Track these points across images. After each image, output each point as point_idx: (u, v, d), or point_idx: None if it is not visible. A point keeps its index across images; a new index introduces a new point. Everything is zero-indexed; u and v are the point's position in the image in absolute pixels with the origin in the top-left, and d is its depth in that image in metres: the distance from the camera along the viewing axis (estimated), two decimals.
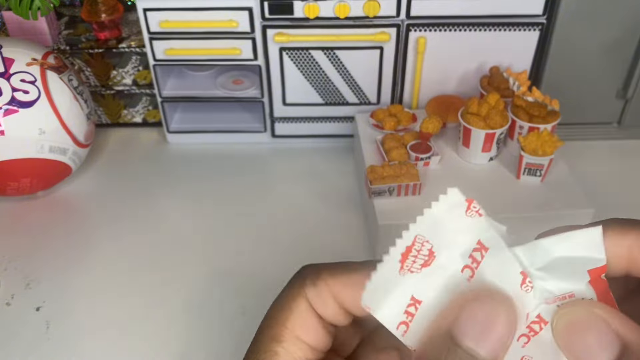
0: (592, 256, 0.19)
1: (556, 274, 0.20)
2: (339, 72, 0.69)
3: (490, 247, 0.20)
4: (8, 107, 0.59)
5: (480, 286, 0.20)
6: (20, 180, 0.63)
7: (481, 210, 0.20)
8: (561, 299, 0.20)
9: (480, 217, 0.20)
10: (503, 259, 0.20)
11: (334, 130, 0.74)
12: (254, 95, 0.72)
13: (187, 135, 0.76)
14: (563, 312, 0.20)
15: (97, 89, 0.75)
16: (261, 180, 0.71)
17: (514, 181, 0.60)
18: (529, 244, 0.20)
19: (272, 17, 0.64)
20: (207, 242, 0.62)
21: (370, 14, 0.63)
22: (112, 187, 0.70)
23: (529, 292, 0.20)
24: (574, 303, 0.20)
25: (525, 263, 0.20)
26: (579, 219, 0.57)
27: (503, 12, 0.64)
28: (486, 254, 0.20)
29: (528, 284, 0.20)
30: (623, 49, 0.68)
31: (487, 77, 0.67)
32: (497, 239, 0.20)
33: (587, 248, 0.19)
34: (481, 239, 0.20)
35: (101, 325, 0.54)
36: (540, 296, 0.20)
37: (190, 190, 0.69)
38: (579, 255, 0.19)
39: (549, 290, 0.20)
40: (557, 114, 0.60)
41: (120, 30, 0.74)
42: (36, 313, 0.55)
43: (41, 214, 0.66)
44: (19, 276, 0.59)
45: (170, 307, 0.56)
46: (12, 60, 0.60)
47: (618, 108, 0.73)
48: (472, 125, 0.59)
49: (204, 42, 0.67)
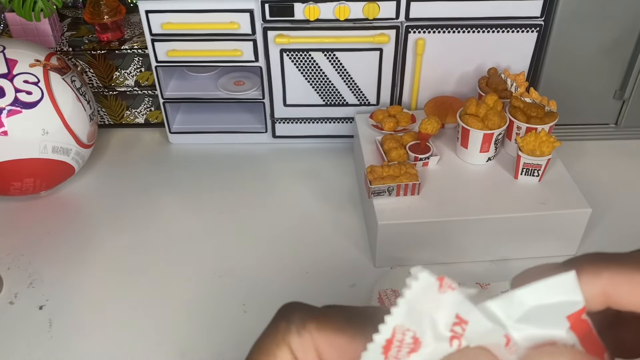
0: (569, 300, 0.19)
1: (535, 324, 0.19)
2: (339, 73, 0.69)
3: (470, 320, 0.20)
4: (11, 108, 0.59)
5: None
6: (23, 180, 0.63)
7: (453, 285, 0.20)
8: (542, 346, 0.19)
9: (454, 290, 0.20)
10: (483, 328, 0.20)
11: (334, 131, 0.75)
12: (255, 96, 0.73)
13: (188, 135, 0.76)
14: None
15: (100, 90, 0.76)
16: (262, 180, 0.71)
17: (512, 181, 0.61)
18: (504, 297, 0.20)
19: (273, 19, 0.65)
20: (208, 241, 0.63)
21: (370, 16, 0.64)
22: (114, 187, 0.71)
23: (513, 354, 0.20)
24: (548, 351, 0.19)
25: (503, 317, 0.20)
26: (576, 218, 0.58)
27: (501, 14, 0.65)
28: (466, 327, 0.20)
29: (512, 346, 0.20)
30: (620, 50, 0.68)
31: (485, 79, 0.67)
32: (473, 310, 0.20)
33: (563, 293, 0.19)
34: (459, 312, 0.20)
35: (103, 324, 0.55)
36: (523, 347, 0.19)
37: (191, 190, 0.70)
38: (556, 301, 0.19)
39: (530, 339, 0.19)
40: (554, 115, 0.61)
41: (123, 31, 0.75)
42: (39, 311, 0.56)
43: (44, 213, 0.67)
44: (23, 275, 0.59)
45: (172, 305, 0.56)
46: (16, 61, 0.60)
47: (615, 109, 0.74)
48: (470, 126, 0.60)
49: (205, 44, 0.68)
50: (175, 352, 0.52)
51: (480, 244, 0.59)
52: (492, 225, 0.57)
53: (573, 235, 0.59)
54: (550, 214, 0.57)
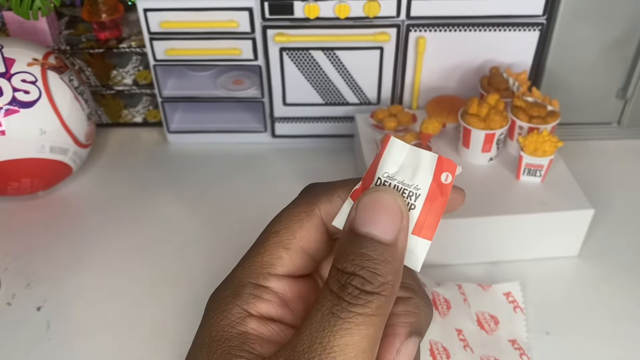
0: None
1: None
2: (339, 72, 0.69)
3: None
4: (9, 107, 0.59)
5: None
6: (20, 180, 0.63)
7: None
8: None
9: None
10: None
11: (334, 131, 0.74)
12: (254, 96, 0.72)
13: (187, 135, 0.76)
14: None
15: (98, 89, 0.75)
16: (261, 180, 0.71)
17: (514, 181, 0.60)
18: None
19: (273, 17, 0.64)
20: (207, 241, 0.62)
21: (371, 14, 0.64)
22: (112, 187, 0.70)
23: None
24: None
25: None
26: (579, 219, 0.57)
27: (503, 12, 0.64)
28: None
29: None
30: (623, 48, 0.68)
31: (487, 78, 0.67)
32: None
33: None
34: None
35: (102, 325, 0.54)
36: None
37: (190, 190, 0.69)
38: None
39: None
40: (556, 115, 0.60)
41: (121, 30, 0.74)
42: (37, 313, 0.55)
43: (42, 214, 0.66)
44: (20, 276, 0.59)
45: (171, 306, 0.56)
46: (13, 60, 0.60)
47: (618, 108, 0.73)
48: (472, 125, 0.59)
49: (204, 43, 0.67)
50: (175, 352, 0.52)
51: (481, 245, 0.58)
52: (493, 226, 0.57)
53: (575, 236, 0.59)
54: (552, 214, 0.56)
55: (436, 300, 0.54)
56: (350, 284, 0.23)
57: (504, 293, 0.55)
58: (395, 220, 0.24)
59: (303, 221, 0.27)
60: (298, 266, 0.27)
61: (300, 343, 0.23)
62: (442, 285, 0.55)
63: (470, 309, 0.54)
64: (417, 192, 0.25)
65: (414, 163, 0.26)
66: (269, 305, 0.26)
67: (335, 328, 0.22)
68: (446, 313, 0.53)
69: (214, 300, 0.27)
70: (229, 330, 0.25)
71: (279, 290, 0.26)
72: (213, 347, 0.25)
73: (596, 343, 0.52)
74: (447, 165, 0.26)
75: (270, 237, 0.27)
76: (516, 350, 0.51)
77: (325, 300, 0.23)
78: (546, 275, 0.58)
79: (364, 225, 0.24)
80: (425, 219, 0.26)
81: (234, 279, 0.28)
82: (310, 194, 0.28)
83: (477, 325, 0.53)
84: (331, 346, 0.22)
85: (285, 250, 0.27)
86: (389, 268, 0.23)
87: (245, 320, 0.25)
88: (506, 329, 0.52)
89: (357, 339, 0.22)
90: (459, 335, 0.51)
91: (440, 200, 0.26)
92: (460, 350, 0.50)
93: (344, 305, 0.22)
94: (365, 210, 0.24)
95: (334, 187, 0.27)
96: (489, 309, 0.54)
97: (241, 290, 0.26)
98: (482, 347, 0.51)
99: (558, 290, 0.57)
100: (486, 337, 0.52)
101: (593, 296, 0.56)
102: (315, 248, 0.27)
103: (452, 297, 0.54)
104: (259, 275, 0.27)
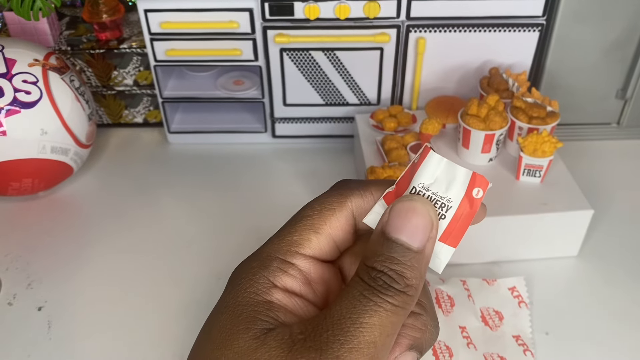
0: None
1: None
2: (339, 72, 0.69)
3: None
4: (10, 108, 0.59)
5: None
6: (22, 181, 0.63)
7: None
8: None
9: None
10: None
11: (334, 131, 0.74)
12: (255, 96, 0.72)
13: (187, 135, 0.76)
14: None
15: (98, 89, 0.75)
16: (261, 181, 0.71)
17: (514, 182, 0.60)
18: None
19: (273, 18, 0.64)
20: (207, 241, 0.63)
21: (371, 15, 0.64)
22: (113, 187, 0.70)
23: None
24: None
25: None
26: (578, 219, 0.57)
27: (503, 13, 0.64)
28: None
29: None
30: (622, 49, 0.68)
31: (486, 78, 0.67)
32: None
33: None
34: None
35: (102, 325, 0.54)
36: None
37: (190, 190, 0.69)
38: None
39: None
40: (556, 115, 0.61)
41: (121, 31, 0.74)
42: (38, 313, 0.55)
43: (43, 214, 0.66)
44: (21, 276, 0.59)
45: (171, 307, 0.56)
46: (14, 61, 0.60)
47: (617, 108, 0.73)
48: (471, 126, 0.60)
49: (204, 43, 0.67)
50: (175, 353, 0.52)
51: (481, 245, 0.58)
52: (493, 227, 0.57)
53: (575, 236, 0.59)
54: (551, 215, 0.57)
55: (439, 298, 0.54)
56: (380, 279, 0.25)
57: (509, 288, 0.55)
58: (425, 230, 0.26)
59: (335, 210, 0.28)
60: (324, 251, 0.28)
61: (331, 315, 0.24)
62: (446, 282, 0.55)
63: (474, 305, 0.54)
64: (449, 205, 0.27)
65: (449, 177, 0.27)
66: (294, 280, 0.27)
67: (366, 307, 0.24)
68: (450, 311, 0.53)
69: (241, 270, 0.28)
70: (255, 297, 0.26)
71: (304, 269, 0.28)
72: (238, 311, 0.26)
73: (596, 343, 0.52)
74: (479, 181, 0.28)
75: (303, 220, 0.29)
76: (520, 346, 0.51)
77: (357, 285, 0.25)
78: (546, 275, 0.58)
79: (396, 230, 0.25)
80: (453, 229, 0.27)
81: (262, 252, 0.29)
82: (344, 187, 0.29)
83: (481, 322, 0.53)
84: (360, 322, 0.24)
85: (315, 233, 0.28)
86: (415, 273, 0.25)
87: (270, 290, 0.27)
88: (510, 325, 0.53)
89: (385, 322, 0.24)
90: (463, 332, 0.51)
91: (469, 212, 0.28)
92: (463, 348, 0.50)
93: (375, 292, 0.24)
94: (399, 217, 0.26)
95: (368, 185, 0.29)
96: (494, 304, 0.54)
97: (269, 263, 0.28)
98: (486, 344, 0.51)
99: (558, 290, 0.57)
100: (490, 334, 0.52)
101: (593, 296, 0.57)
102: (342, 237, 0.29)
103: (456, 294, 0.54)
104: (287, 252, 0.28)
